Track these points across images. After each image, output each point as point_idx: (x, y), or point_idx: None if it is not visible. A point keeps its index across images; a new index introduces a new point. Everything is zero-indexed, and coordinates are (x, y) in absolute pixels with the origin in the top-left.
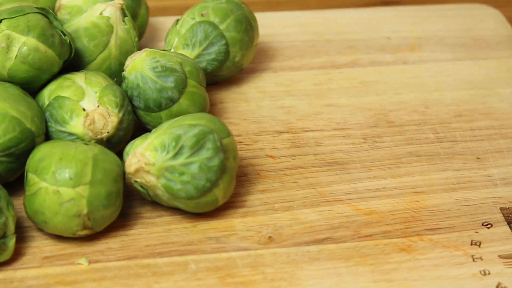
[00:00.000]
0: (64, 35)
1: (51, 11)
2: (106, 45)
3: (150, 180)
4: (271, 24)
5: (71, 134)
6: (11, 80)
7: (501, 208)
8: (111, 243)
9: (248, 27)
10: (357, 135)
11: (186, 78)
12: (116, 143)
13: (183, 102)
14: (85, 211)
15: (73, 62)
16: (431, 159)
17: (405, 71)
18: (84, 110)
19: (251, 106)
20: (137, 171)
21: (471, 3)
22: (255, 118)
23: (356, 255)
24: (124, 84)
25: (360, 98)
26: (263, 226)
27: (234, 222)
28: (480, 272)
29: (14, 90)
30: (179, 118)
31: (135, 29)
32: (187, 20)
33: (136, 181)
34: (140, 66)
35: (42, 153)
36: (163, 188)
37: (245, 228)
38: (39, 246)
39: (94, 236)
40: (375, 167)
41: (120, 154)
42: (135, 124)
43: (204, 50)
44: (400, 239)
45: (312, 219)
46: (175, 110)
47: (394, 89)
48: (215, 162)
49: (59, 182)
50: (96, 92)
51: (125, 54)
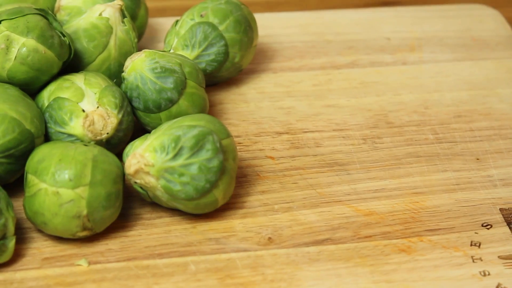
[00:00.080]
0: (64, 36)
1: (50, 12)
2: (106, 46)
3: (150, 181)
4: (270, 25)
5: (70, 135)
6: (10, 81)
7: (500, 209)
8: (110, 244)
9: (247, 28)
10: (356, 136)
11: (186, 79)
12: (115, 144)
13: (183, 103)
14: (84, 212)
15: (72, 63)
16: (431, 160)
17: (404, 71)
18: (83, 111)
19: (250, 107)
20: (136, 172)
21: (471, 3)
22: (255, 119)
23: (356, 256)
24: (123, 85)
25: (360, 99)
26: (263, 227)
27: (234, 223)
28: (480, 273)
29: (13, 91)
30: (178, 119)
31: (134, 30)
32: (187, 21)
33: (135, 182)
34: (139, 67)
35: (42, 154)
36: (163, 189)
37: (244, 229)
38: (39, 247)
39: (93, 237)
40: (374, 168)
41: (119, 155)
42: (134, 125)
43: (203, 51)
44: (400, 240)
45: (312, 220)
46: (174, 111)
47: (393, 89)
48: (215, 163)
49: (58, 183)
50: (95, 93)
51: (124, 55)
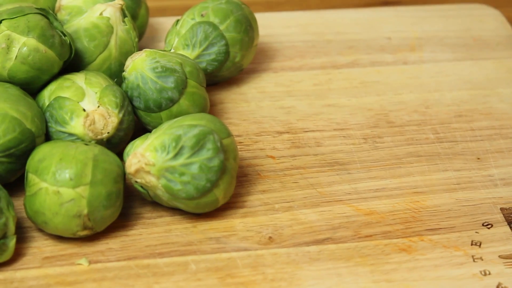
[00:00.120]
0: (64, 35)
1: (51, 11)
2: (106, 45)
3: (150, 180)
4: (271, 25)
5: (71, 135)
6: (11, 80)
7: (501, 208)
8: (111, 244)
9: (248, 27)
10: (357, 136)
11: (186, 78)
12: (116, 144)
13: (183, 103)
14: (85, 211)
15: (73, 62)
16: (431, 159)
17: (405, 71)
18: (84, 110)
19: (251, 107)
20: (137, 171)
21: (471, 3)
22: (255, 118)
23: (356, 255)
24: (124, 85)
25: (360, 99)
26: (263, 226)
27: (234, 223)
28: (481, 272)
29: (14, 91)
30: (179, 118)
31: (135, 29)
32: (187, 20)
33: (136, 181)
34: (140, 67)
35: (42, 153)
36: (163, 189)
37: (245, 228)
38: (40, 246)
39: (94, 236)
40: (375, 168)
41: (120, 155)
42: (135, 124)
43: (204, 50)
44: (400, 239)
45: (312, 219)
46: (175, 111)
47: (394, 89)
48: (215, 162)
49: (59, 182)
50: (96, 93)
51: (125, 54)
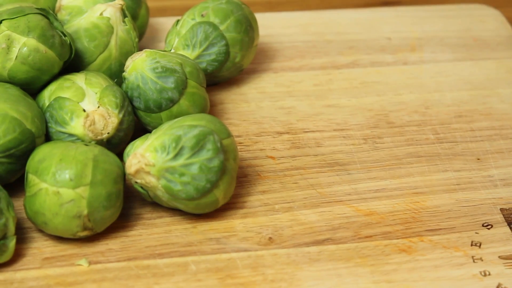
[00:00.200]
0: (65, 35)
1: (51, 11)
2: (106, 45)
3: (150, 181)
4: (271, 25)
5: (71, 135)
6: (11, 81)
7: (501, 209)
8: (111, 244)
9: (248, 27)
10: (357, 136)
11: (186, 78)
12: (116, 144)
13: (183, 103)
14: (85, 212)
15: (73, 63)
16: (432, 160)
17: (405, 71)
18: (84, 111)
19: (251, 107)
20: (137, 172)
21: (471, 3)
22: (255, 119)
23: (356, 256)
24: (124, 85)
25: (361, 99)
26: (263, 227)
27: (234, 223)
28: (481, 273)
29: (14, 91)
30: (179, 119)
31: (135, 29)
32: (187, 20)
33: (136, 182)
34: (140, 67)
35: (43, 154)
36: (163, 189)
37: (245, 229)
38: (39, 247)
39: (94, 237)
40: (375, 168)
41: (120, 155)
42: (135, 125)
43: (204, 50)
44: (400, 240)
45: (312, 220)
46: (175, 111)
47: (394, 89)
48: (215, 163)
49: (59, 183)
50: (96, 93)
51: (125, 54)
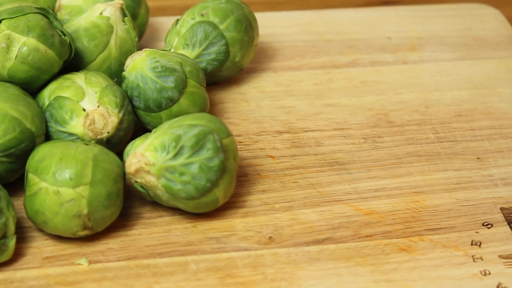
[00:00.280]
0: (64, 35)
1: (51, 11)
2: (106, 45)
3: (150, 180)
4: (271, 24)
5: (71, 134)
6: (11, 80)
7: (501, 208)
8: (111, 244)
9: (248, 27)
10: (357, 135)
11: (186, 78)
12: (116, 143)
13: (183, 102)
14: (85, 211)
15: (73, 62)
16: (432, 159)
17: (405, 71)
18: (84, 110)
19: (251, 106)
20: (137, 171)
21: (471, 3)
22: (255, 118)
23: (356, 255)
24: (124, 84)
25: (361, 98)
26: (263, 226)
27: (234, 222)
28: (481, 272)
29: (14, 90)
30: (179, 118)
31: (135, 29)
32: (187, 20)
33: (136, 181)
34: (140, 66)
35: (42, 153)
36: (163, 188)
37: (245, 228)
38: (40, 246)
39: (94, 236)
40: (375, 167)
41: (120, 154)
42: (135, 124)
43: (204, 50)
44: (401, 239)
45: (312, 219)
46: (175, 110)
47: (394, 89)
48: (215, 162)
49: (59, 182)
50: (96, 92)
51: (125, 54)
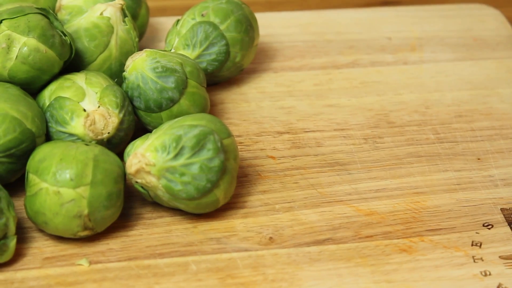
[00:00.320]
0: (65, 35)
1: (51, 11)
2: (107, 45)
3: (151, 180)
4: (271, 25)
5: (71, 135)
6: (11, 80)
7: (502, 209)
8: (111, 244)
9: (248, 27)
10: (357, 136)
11: (187, 78)
12: (116, 144)
13: (184, 103)
14: (85, 211)
15: (73, 62)
16: (432, 159)
17: (405, 71)
18: (84, 110)
19: (251, 107)
20: (137, 171)
21: (471, 3)
22: (256, 118)
23: (357, 256)
24: (124, 85)
25: (361, 99)
26: (264, 226)
27: (235, 223)
28: (481, 273)
29: (14, 91)
30: (179, 118)
31: (135, 29)
32: (188, 20)
33: (136, 181)
34: (140, 67)
35: (43, 153)
36: (164, 189)
37: (245, 229)
38: (40, 247)
39: (94, 237)
40: (375, 168)
41: (120, 155)
42: (135, 124)
43: (204, 50)
44: (401, 240)
45: (313, 219)
46: (175, 111)
47: (394, 89)
48: (216, 162)
49: (59, 182)
50: (96, 93)
51: (125, 54)
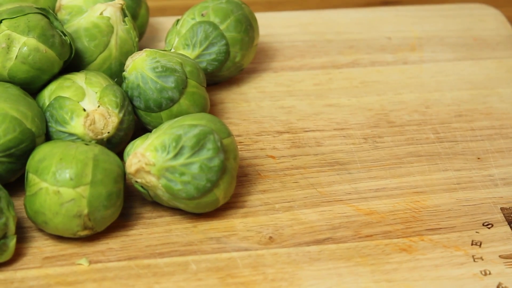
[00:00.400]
0: (65, 35)
1: (51, 11)
2: (107, 45)
3: (151, 180)
4: (271, 24)
5: (71, 135)
6: (11, 80)
7: (501, 208)
8: (111, 244)
9: (248, 27)
10: (357, 135)
11: (187, 78)
12: (116, 144)
13: (184, 102)
14: (85, 211)
15: (73, 62)
16: (432, 159)
17: (405, 71)
18: (84, 110)
19: (251, 106)
20: (137, 171)
21: (471, 3)
22: (256, 118)
23: (357, 255)
24: (124, 85)
25: (361, 98)
26: (264, 226)
27: (235, 223)
28: (481, 272)
29: (14, 91)
30: (179, 118)
31: (135, 29)
32: (188, 20)
33: (136, 181)
34: (140, 66)
35: (43, 153)
36: (164, 189)
37: (245, 228)
38: (40, 246)
39: (94, 236)
40: (375, 167)
41: (120, 155)
42: (135, 124)
43: (204, 50)
44: (401, 239)
45: (313, 219)
46: (175, 110)
47: (394, 89)
48: (216, 162)
49: (59, 182)
50: (96, 93)
51: (125, 54)
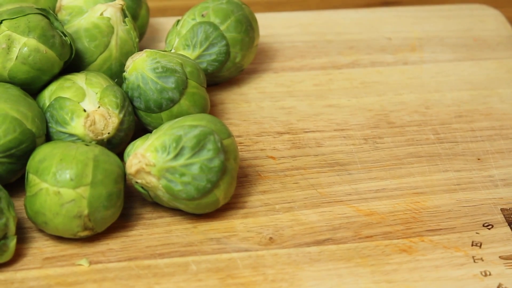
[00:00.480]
0: (65, 36)
1: (51, 11)
2: (107, 46)
3: (151, 181)
4: (271, 25)
5: (71, 135)
6: (11, 81)
7: (502, 209)
8: (111, 244)
9: (248, 27)
10: (357, 136)
11: (187, 78)
12: (116, 144)
13: (184, 103)
14: (85, 212)
15: (73, 63)
16: (432, 160)
17: (405, 71)
18: (84, 111)
19: (251, 107)
20: (137, 172)
21: (471, 3)
22: (256, 119)
23: (357, 256)
24: (124, 85)
25: (361, 99)
26: (264, 227)
27: (235, 223)
28: (481, 273)
29: (14, 91)
30: (179, 119)
31: (135, 29)
32: (188, 20)
33: (136, 182)
34: (140, 67)
35: (43, 154)
36: (164, 189)
37: (245, 229)
38: (40, 247)
39: (94, 237)
40: (375, 168)
41: (120, 155)
42: (135, 125)
43: (204, 50)
44: (401, 240)
45: (313, 220)
46: (175, 111)
47: (394, 89)
48: (216, 163)
49: (59, 183)
50: (96, 93)
51: (125, 54)
